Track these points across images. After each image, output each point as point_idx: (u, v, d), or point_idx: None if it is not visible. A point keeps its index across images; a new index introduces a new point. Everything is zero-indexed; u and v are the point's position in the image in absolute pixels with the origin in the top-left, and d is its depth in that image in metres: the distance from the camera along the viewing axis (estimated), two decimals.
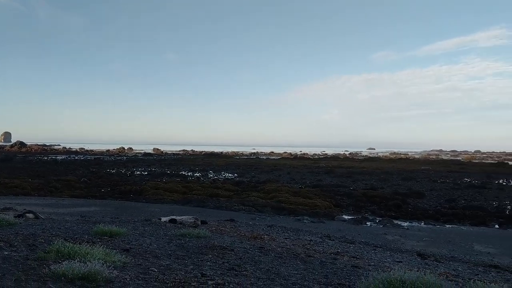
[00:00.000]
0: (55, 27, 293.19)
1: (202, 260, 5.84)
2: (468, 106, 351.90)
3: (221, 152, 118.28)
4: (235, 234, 9.33)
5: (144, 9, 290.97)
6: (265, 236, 9.28)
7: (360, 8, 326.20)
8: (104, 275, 4.20)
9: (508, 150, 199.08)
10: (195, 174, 43.81)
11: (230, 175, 43.79)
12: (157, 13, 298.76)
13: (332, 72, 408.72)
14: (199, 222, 10.06)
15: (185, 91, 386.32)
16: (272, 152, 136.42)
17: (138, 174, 42.55)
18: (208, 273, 4.98)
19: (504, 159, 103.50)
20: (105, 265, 4.42)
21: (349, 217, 19.13)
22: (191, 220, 9.95)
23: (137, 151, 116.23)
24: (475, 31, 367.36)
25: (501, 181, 41.39)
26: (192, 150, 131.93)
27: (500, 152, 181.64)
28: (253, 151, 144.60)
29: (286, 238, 9.53)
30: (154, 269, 4.97)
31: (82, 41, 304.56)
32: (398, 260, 7.98)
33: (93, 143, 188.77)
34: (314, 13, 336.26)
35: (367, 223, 17.69)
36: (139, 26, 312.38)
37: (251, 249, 7.32)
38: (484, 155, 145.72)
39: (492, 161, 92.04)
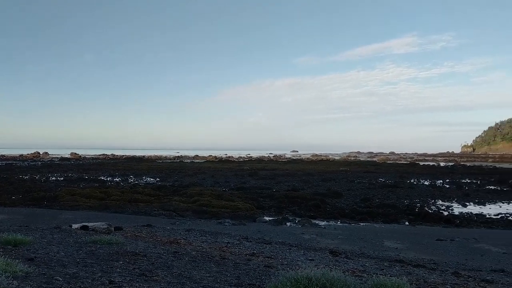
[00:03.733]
0: None
1: (111, 267, 5.67)
2: (383, 110, 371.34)
3: (143, 156, 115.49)
4: (151, 239, 9.15)
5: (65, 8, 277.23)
6: (182, 241, 9.18)
7: (282, 14, 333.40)
8: (2, 286, 3.95)
9: (419, 152, 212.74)
10: (114, 179, 42.47)
11: (151, 179, 42.90)
12: (80, 13, 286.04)
13: (257, 76, 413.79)
14: (113, 228, 9.76)
15: (105, 93, 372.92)
16: (197, 155, 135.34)
17: (53, 180, 40.47)
18: (117, 280, 4.85)
19: (416, 160, 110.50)
20: (3, 275, 4.16)
21: (270, 219, 19.45)
22: (104, 227, 9.62)
23: (54, 156, 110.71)
24: (390, 38, 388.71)
25: (412, 180, 44.04)
26: (112, 154, 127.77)
27: (412, 153, 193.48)
28: (177, 154, 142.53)
29: (203, 242, 9.49)
30: (59, 278, 4.74)
31: None
32: (310, 258, 8.21)
33: (4, 147, 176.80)
34: (238, 18, 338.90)
35: (287, 223, 18.07)
36: (59, 27, 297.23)
37: (164, 254, 7.22)
38: (397, 156, 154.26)
39: (405, 162, 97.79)
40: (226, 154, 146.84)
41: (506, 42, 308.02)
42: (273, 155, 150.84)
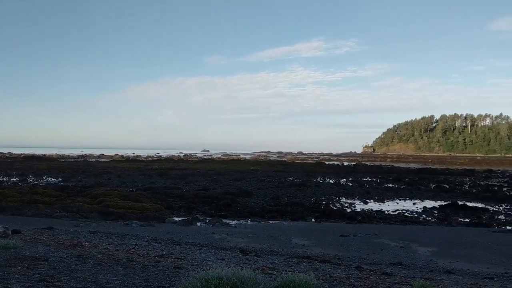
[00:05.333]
0: None
1: (8, 273, 5.24)
2: (292, 111, 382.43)
3: (44, 155, 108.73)
4: (52, 242, 8.61)
5: None
6: (86, 243, 8.74)
7: (193, 13, 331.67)
8: None
9: (325, 151, 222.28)
10: (11, 179, 39.58)
11: (53, 179, 40.54)
12: None
13: (167, 74, 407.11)
14: (10, 232, 9.03)
15: (3, 89, 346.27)
16: (103, 154, 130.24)
17: None
18: (15, 287, 4.50)
19: (321, 160, 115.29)
20: None
21: (180, 219, 19.18)
22: (0, 230, 8.87)
23: None
24: (298, 41, 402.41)
25: (318, 179, 45.89)
26: (9, 152, 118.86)
27: (318, 153, 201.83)
28: (81, 153, 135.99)
29: (109, 244, 9.12)
30: None
31: None
32: (221, 258, 8.21)
33: None
34: (147, 14, 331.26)
35: (197, 223, 17.95)
36: None
37: (67, 257, 6.82)
38: (305, 156, 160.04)
39: (312, 161, 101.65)
40: (134, 153, 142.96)
41: (402, 50, 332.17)
42: (183, 154, 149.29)
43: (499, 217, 22.39)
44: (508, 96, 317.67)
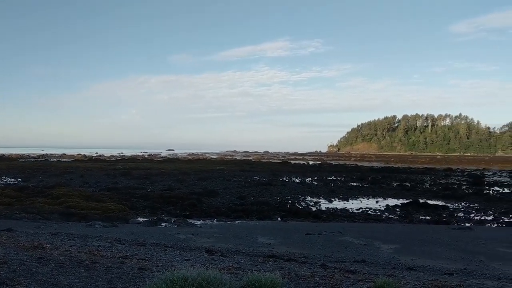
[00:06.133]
0: None
1: None
2: (258, 111, 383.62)
3: (3, 155, 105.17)
4: (12, 245, 8.36)
5: None
6: (48, 245, 8.52)
7: (158, 12, 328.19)
8: None
9: (290, 151, 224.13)
10: None
11: (12, 180, 39.28)
12: None
13: (131, 72, 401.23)
14: None
15: None
16: (64, 154, 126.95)
17: None
18: None
19: (287, 159, 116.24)
20: None
21: (144, 219, 18.91)
22: None
23: None
24: (264, 41, 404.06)
25: (284, 178, 46.20)
26: None
27: (284, 152, 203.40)
28: (42, 153, 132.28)
29: (71, 246, 8.92)
30: None
31: None
32: (186, 258, 8.16)
33: None
34: (111, 12, 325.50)
35: (162, 224, 17.74)
36: None
37: (28, 260, 6.64)
38: (271, 155, 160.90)
39: (278, 161, 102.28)
40: (96, 153, 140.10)
41: (365, 51, 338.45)
42: (147, 154, 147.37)
43: (459, 215, 23.10)
44: (467, 97, 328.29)
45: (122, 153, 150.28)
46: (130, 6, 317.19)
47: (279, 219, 20.85)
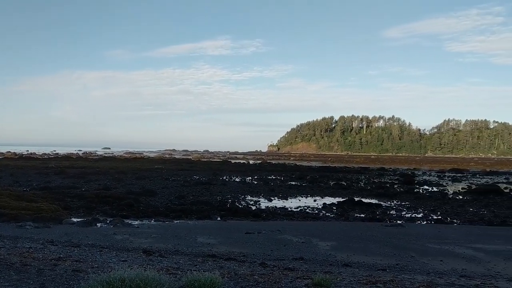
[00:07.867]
0: None
1: None
2: (199, 109, 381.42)
3: None
4: None
5: None
6: None
7: (93, 6, 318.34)
8: None
9: (231, 150, 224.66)
10: None
11: None
12: None
13: (64, 67, 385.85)
14: None
15: None
16: None
17: None
18: None
19: (228, 158, 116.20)
20: None
21: (79, 220, 18.24)
22: None
23: None
24: (204, 39, 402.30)
25: (224, 177, 46.16)
26: None
27: (225, 152, 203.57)
28: None
29: (0, 248, 8.43)
30: None
31: None
32: (123, 259, 7.94)
33: None
34: (47, 6, 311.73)
35: (97, 224, 17.18)
36: None
37: None
38: (211, 154, 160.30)
39: (218, 160, 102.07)
40: (28, 151, 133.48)
41: (304, 52, 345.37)
42: (82, 152, 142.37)
43: (391, 212, 24.04)
44: (399, 100, 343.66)
45: (55, 151, 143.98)
46: (65, 0, 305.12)
47: (219, 218, 20.77)
